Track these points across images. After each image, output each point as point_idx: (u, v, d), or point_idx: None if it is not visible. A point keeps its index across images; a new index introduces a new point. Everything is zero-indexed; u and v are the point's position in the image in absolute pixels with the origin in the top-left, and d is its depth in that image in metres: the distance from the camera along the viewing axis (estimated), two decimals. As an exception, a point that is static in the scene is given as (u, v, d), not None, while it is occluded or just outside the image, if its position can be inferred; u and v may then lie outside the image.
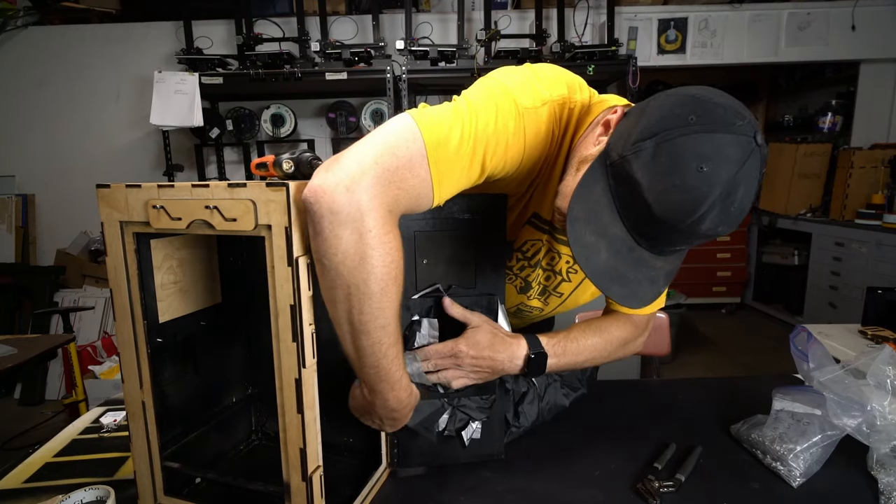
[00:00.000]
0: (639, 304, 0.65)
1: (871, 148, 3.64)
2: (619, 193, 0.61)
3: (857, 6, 3.47)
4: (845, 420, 0.77)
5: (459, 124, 0.63)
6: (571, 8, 3.32)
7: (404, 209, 0.62)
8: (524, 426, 0.89)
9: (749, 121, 0.56)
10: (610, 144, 0.64)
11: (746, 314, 4.43)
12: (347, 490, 0.73)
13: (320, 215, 0.56)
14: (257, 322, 0.90)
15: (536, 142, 0.71)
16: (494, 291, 0.81)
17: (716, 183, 0.55)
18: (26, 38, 3.26)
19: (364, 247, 0.57)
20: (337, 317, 0.61)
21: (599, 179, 0.63)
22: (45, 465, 0.88)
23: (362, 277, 0.57)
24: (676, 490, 0.75)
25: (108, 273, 0.68)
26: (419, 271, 0.77)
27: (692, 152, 0.55)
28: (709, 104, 0.57)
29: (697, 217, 0.56)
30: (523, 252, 0.88)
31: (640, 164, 0.58)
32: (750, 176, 0.56)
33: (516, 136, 0.68)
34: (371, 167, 0.57)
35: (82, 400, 2.17)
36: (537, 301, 0.95)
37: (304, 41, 2.97)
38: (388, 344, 0.63)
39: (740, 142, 0.55)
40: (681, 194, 0.56)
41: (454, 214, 0.77)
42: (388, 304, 0.60)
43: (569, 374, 0.97)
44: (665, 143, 0.56)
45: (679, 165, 0.55)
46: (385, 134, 0.61)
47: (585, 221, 0.63)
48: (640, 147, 0.58)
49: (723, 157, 0.55)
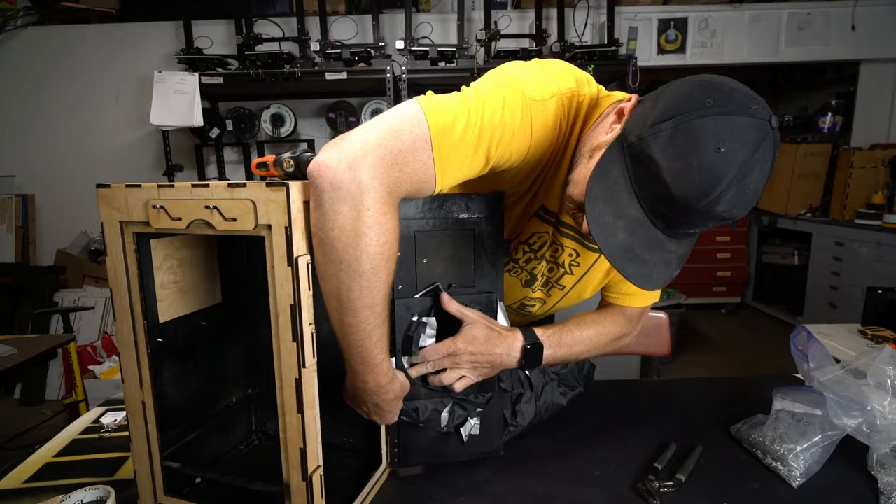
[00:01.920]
0: (653, 286, 0.66)
1: (871, 148, 3.65)
2: (636, 174, 0.62)
3: (857, 6, 3.47)
4: (845, 420, 0.77)
5: (466, 112, 0.64)
6: (571, 8, 3.32)
7: (405, 192, 0.63)
8: (522, 425, 0.89)
9: (764, 105, 0.57)
10: (627, 128, 0.65)
11: (746, 314, 4.43)
12: (347, 490, 0.73)
13: (322, 189, 0.57)
14: (257, 322, 0.90)
15: (544, 134, 0.71)
16: (493, 290, 0.81)
17: (733, 163, 0.56)
18: (26, 38, 3.26)
19: (360, 224, 0.57)
20: (327, 292, 0.62)
21: (617, 161, 0.64)
22: (46, 465, 0.88)
23: (355, 254, 0.58)
24: (676, 490, 0.75)
25: (108, 273, 0.68)
26: (419, 271, 0.77)
27: (710, 133, 0.56)
28: (725, 88, 0.58)
29: (714, 197, 0.57)
30: (530, 244, 0.89)
31: (659, 145, 0.59)
32: (764, 159, 0.57)
33: (523, 128, 0.68)
34: (375, 148, 0.58)
35: (82, 400, 2.17)
36: (540, 293, 0.96)
37: (304, 41, 2.97)
38: (373, 325, 0.63)
39: (756, 124, 0.56)
40: (699, 174, 0.57)
41: (454, 214, 0.77)
42: (378, 284, 0.61)
43: (566, 373, 0.98)
44: (683, 124, 0.57)
45: (697, 146, 0.56)
46: (391, 117, 0.62)
47: (604, 201, 0.63)
48: (658, 129, 0.59)
49: (740, 138, 0.56)
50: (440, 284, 0.78)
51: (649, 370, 2.49)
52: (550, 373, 0.95)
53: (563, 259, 0.90)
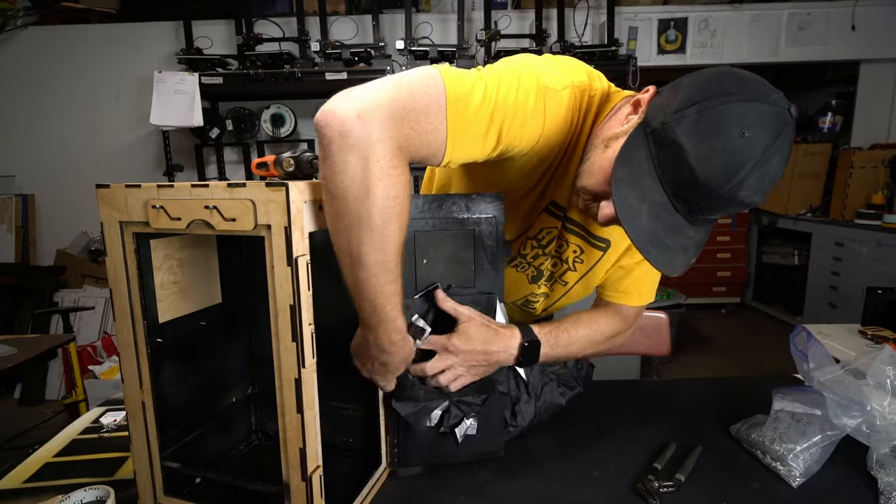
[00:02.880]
0: (673, 271, 0.66)
1: (871, 148, 3.65)
2: (660, 159, 0.62)
3: (857, 6, 3.47)
4: (845, 420, 0.77)
5: (482, 88, 0.64)
6: (571, 8, 3.32)
7: (414, 153, 0.61)
8: (521, 426, 0.89)
9: (783, 96, 0.59)
10: (649, 115, 0.65)
11: (746, 314, 4.43)
12: (347, 490, 0.73)
13: (329, 139, 0.56)
14: (257, 322, 0.90)
15: (556, 124, 0.71)
16: (493, 290, 0.81)
17: (756, 148, 0.57)
18: (26, 38, 3.26)
19: (370, 176, 0.56)
20: (339, 247, 0.61)
21: (640, 146, 0.64)
22: (45, 465, 0.88)
23: (365, 208, 0.57)
24: (676, 490, 0.75)
25: (108, 273, 0.68)
26: (419, 271, 0.77)
27: (735, 119, 0.57)
28: (747, 78, 0.60)
29: (738, 181, 0.58)
30: (538, 240, 0.89)
31: (684, 130, 0.59)
32: (784, 146, 0.58)
33: (536, 113, 0.68)
34: (387, 101, 0.57)
35: (82, 400, 2.17)
36: (545, 288, 0.96)
37: (304, 41, 2.97)
38: (386, 281, 0.62)
39: (777, 112, 0.57)
40: (724, 157, 0.57)
41: (454, 214, 0.77)
42: (390, 239, 0.60)
43: (565, 374, 0.98)
44: (708, 109, 0.58)
45: (723, 130, 0.57)
46: (408, 76, 0.61)
47: (629, 185, 0.63)
48: (683, 114, 0.60)
49: (763, 125, 0.57)
50: (439, 284, 0.78)
51: (649, 370, 2.49)
52: (550, 373, 0.95)
53: (567, 255, 0.90)
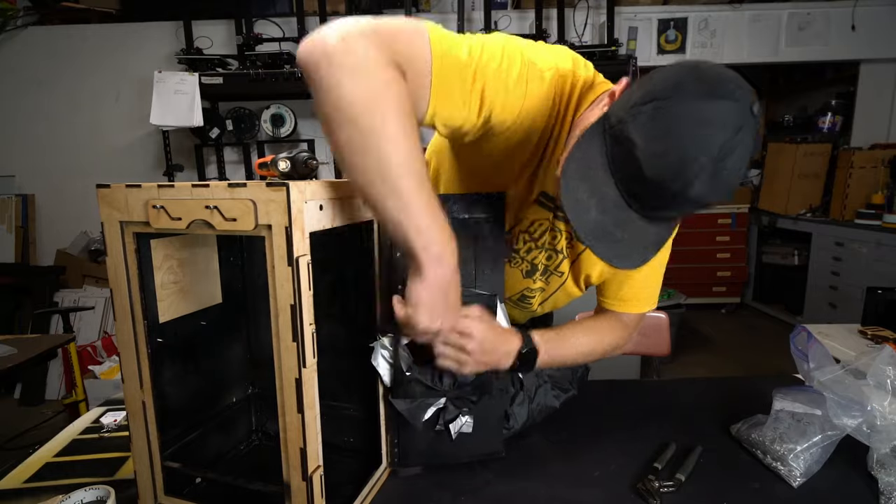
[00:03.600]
0: (623, 265, 0.66)
1: (870, 148, 3.64)
2: (613, 154, 0.62)
3: (857, 6, 3.47)
4: (845, 420, 0.77)
5: (467, 48, 0.64)
6: (571, 8, 3.32)
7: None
8: (514, 428, 0.89)
9: (747, 91, 0.57)
10: (611, 109, 0.64)
11: (746, 314, 4.42)
12: (347, 490, 0.73)
13: (316, 65, 0.54)
14: (257, 322, 0.90)
15: (538, 100, 0.71)
16: (494, 290, 0.81)
17: (710, 146, 0.55)
18: (26, 38, 3.26)
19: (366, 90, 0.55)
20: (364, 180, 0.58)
21: (596, 141, 0.64)
22: (45, 465, 0.88)
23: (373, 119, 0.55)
24: (676, 490, 0.75)
25: (108, 273, 0.68)
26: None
27: (689, 116, 0.56)
28: (710, 73, 0.58)
29: (686, 180, 0.56)
30: (530, 233, 0.88)
31: (637, 126, 0.58)
32: (744, 143, 0.56)
33: (518, 83, 0.68)
34: (371, 32, 0.56)
35: (82, 400, 2.17)
36: (541, 282, 0.95)
37: (304, 41, 2.97)
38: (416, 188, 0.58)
39: (737, 109, 0.56)
40: (671, 155, 0.56)
41: (454, 214, 0.77)
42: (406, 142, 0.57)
43: (560, 376, 0.97)
44: (663, 106, 0.57)
45: (675, 128, 0.56)
46: (392, 20, 0.59)
47: (580, 179, 0.63)
48: (638, 111, 0.59)
49: (719, 122, 0.55)
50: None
51: (649, 370, 2.49)
52: (544, 375, 0.95)
53: (560, 244, 0.90)
